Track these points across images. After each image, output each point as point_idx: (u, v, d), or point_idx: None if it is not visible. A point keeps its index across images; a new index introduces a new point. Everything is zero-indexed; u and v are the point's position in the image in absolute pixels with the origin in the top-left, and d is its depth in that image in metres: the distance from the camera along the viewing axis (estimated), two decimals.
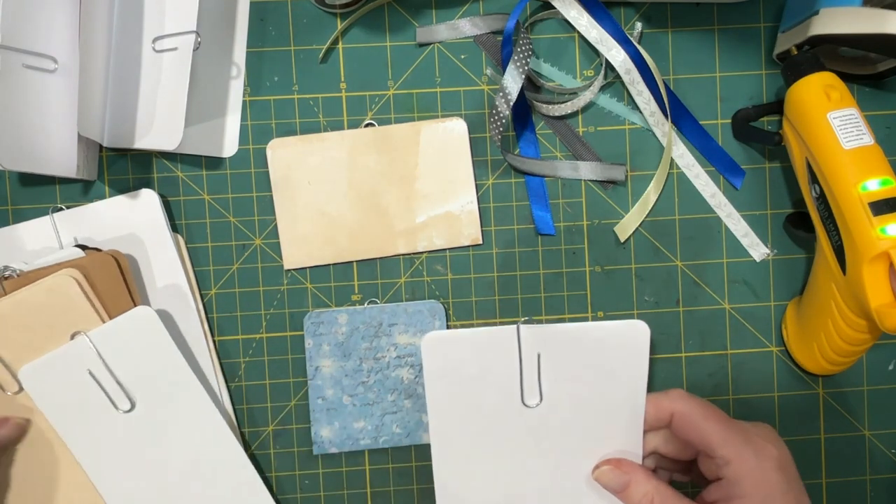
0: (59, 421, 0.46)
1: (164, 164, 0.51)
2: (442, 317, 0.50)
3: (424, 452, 0.51)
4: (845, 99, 0.44)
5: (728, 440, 0.38)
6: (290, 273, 0.51)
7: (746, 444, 0.38)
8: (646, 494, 0.39)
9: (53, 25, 0.46)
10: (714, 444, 0.38)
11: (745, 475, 0.38)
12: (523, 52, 0.48)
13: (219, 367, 0.51)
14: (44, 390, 0.46)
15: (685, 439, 0.40)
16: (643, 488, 0.40)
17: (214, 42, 0.50)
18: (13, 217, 0.50)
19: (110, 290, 0.47)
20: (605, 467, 0.41)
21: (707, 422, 0.39)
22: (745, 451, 0.38)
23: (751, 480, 0.37)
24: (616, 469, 0.41)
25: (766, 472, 0.38)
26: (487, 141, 0.51)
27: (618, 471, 0.41)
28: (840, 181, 0.43)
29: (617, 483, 0.41)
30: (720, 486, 0.39)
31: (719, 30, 0.51)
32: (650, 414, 0.41)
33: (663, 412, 0.40)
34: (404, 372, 0.49)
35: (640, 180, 0.51)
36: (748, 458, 0.38)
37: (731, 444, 0.38)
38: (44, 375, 0.46)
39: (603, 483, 0.41)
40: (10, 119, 0.44)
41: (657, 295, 0.52)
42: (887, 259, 0.42)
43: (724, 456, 0.38)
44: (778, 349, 0.52)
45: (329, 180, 0.50)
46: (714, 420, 0.39)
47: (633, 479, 0.40)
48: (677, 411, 0.40)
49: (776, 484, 0.37)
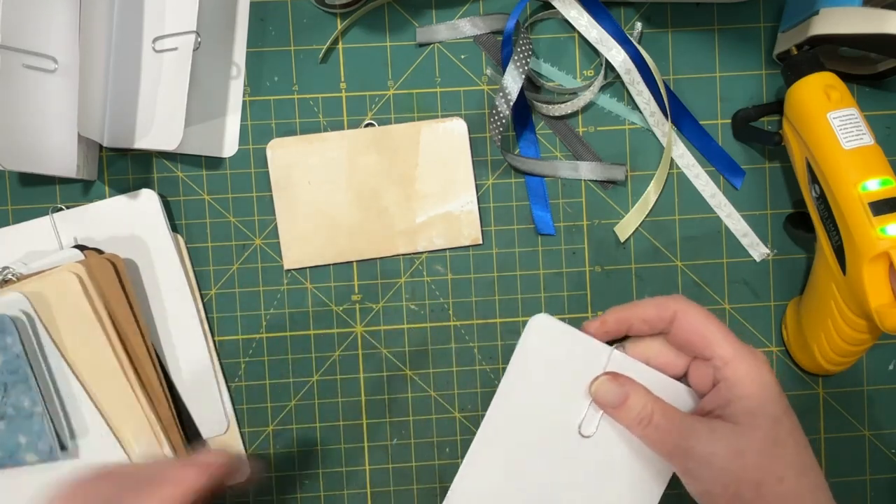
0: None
1: (164, 164, 0.51)
2: (12, 331, 0.45)
3: (425, 452, 0.51)
4: (845, 99, 0.44)
5: (727, 339, 0.37)
6: (290, 273, 0.51)
7: (744, 346, 0.38)
8: (644, 407, 0.38)
9: (53, 25, 0.46)
10: (714, 343, 0.37)
11: (744, 375, 0.37)
12: (523, 52, 0.48)
13: (219, 367, 0.51)
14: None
15: (684, 340, 0.39)
16: (642, 401, 0.38)
17: (214, 42, 0.50)
18: (13, 217, 0.50)
19: (108, 294, 0.47)
20: (603, 377, 0.39)
21: (709, 321, 0.38)
22: (743, 352, 0.37)
23: (749, 380, 0.37)
24: (613, 381, 0.39)
25: (764, 375, 0.37)
26: (487, 141, 0.51)
27: (615, 383, 0.39)
28: (840, 181, 0.43)
29: (614, 395, 0.39)
30: (718, 391, 0.38)
31: (719, 30, 0.51)
32: (651, 313, 0.39)
33: (666, 311, 0.39)
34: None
35: (640, 180, 0.51)
36: (747, 358, 0.37)
37: (731, 344, 0.37)
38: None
39: (599, 396, 0.39)
40: (10, 119, 0.44)
41: (657, 295, 0.52)
42: (887, 259, 0.42)
43: (723, 356, 0.37)
44: (778, 349, 0.52)
45: (329, 180, 0.50)
46: (715, 322, 0.38)
47: (631, 391, 0.38)
48: (680, 310, 0.39)
49: (773, 383, 0.37)
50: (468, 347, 0.51)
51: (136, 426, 0.47)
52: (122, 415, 0.47)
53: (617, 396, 0.38)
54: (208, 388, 0.50)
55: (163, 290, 0.50)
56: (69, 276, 0.46)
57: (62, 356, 0.46)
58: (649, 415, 0.38)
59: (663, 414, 0.37)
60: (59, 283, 0.46)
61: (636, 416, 0.38)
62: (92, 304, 0.46)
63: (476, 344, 0.52)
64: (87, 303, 0.46)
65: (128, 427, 0.47)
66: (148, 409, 0.47)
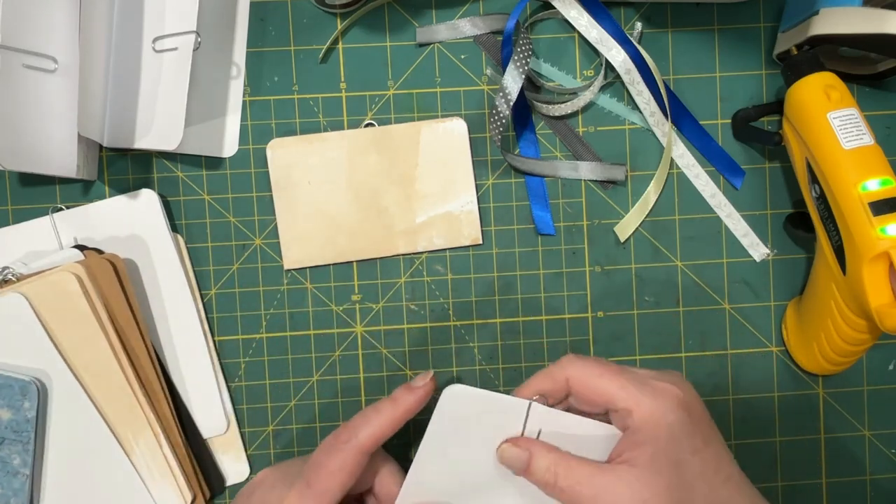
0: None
1: (164, 164, 0.51)
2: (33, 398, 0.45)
3: None
4: (845, 99, 0.44)
5: (624, 389, 0.37)
6: (290, 273, 0.51)
7: (643, 389, 0.37)
8: (548, 468, 0.38)
9: (53, 25, 0.46)
10: (612, 398, 0.37)
11: (644, 420, 0.36)
12: (523, 52, 0.48)
13: (219, 367, 0.51)
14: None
15: (587, 400, 0.39)
16: (545, 462, 0.38)
17: (214, 42, 0.50)
18: (13, 217, 0.50)
19: (107, 294, 0.47)
20: (505, 444, 0.39)
21: (602, 378, 0.38)
22: (642, 397, 0.37)
23: (651, 424, 0.36)
24: (514, 446, 0.39)
25: (667, 413, 0.36)
26: (487, 141, 0.51)
27: (517, 448, 0.39)
28: (840, 181, 0.43)
29: (518, 460, 0.39)
30: (625, 438, 0.37)
31: (719, 30, 0.51)
32: (547, 388, 0.40)
33: (559, 382, 0.39)
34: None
35: (640, 180, 0.51)
36: (645, 403, 0.37)
37: (629, 393, 0.37)
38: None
39: (504, 461, 0.39)
40: (10, 119, 0.44)
41: (657, 295, 0.52)
42: (887, 259, 0.42)
43: (624, 407, 0.37)
44: (778, 349, 0.52)
45: (329, 180, 0.50)
46: (609, 375, 0.38)
47: (533, 453, 0.38)
48: (571, 376, 0.38)
49: (678, 423, 0.36)
50: (468, 347, 0.51)
51: (136, 426, 0.47)
52: (121, 415, 0.47)
53: (520, 461, 0.39)
54: (208, 388, 0.50)
55: (163, 290, 0.50)
56: (68, 277, 0.46)
57: (61, 356, 0.46)
58: (553, 476, 0.37)
59: (567, 474, 0.37)
60: (58, 284, 0.46)
61: (541, 478, 0.38)
62: (91, 304, 0.46)
63: (476, 344, 0.52)
64: (86, 303, 0.46)
65: (127, 427, 0.47)
66: (148, 409, 0.47)
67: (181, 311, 0.50)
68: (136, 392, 0.47)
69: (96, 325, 0.46)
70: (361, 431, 0.41)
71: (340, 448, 0.41)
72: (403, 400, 0.43)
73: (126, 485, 0.47)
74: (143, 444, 0.47)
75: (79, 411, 0.47)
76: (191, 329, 0.50)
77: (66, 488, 0.47)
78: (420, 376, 0.44)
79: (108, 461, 0.47)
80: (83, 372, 0.47)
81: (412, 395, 0.43)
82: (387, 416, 0.42)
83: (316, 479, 0.41)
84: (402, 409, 0.42)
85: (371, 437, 0.41)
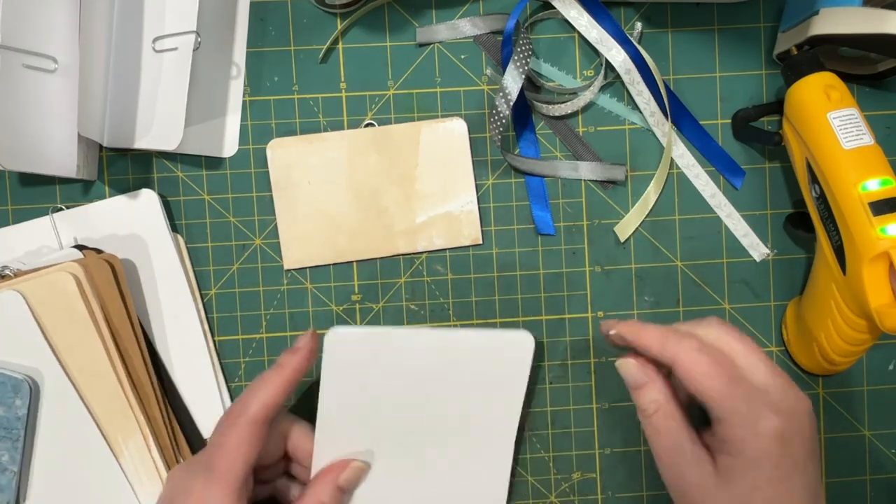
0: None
1: (164, 164, 0.51)
2: (25, 396, 0.46)
3: None
4: (845, 99, 0.44)
5: (726, 398, 0.37)
6: (290, 273, 0.51)
7: (743, 406, 0.37)
8: (654, 401, 0.39)
9: (53, 25, 0.46)
10: (710, 403, 0.37)
11: (732, 437, 0.37)
12: (523, 52, 0.48)
13: (219, 367, 0.51)
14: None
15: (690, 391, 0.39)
16: (654, 395, 0.39)
17: (214, 42, 0.50)
18: (13, 217, 0.50)
19: (104, 294, 0.47)
20: (631, 360, 0.40)
21: (709, 380, 0.37)
22: (737, 416, 0.36)
23: (737, 444, 0.37)
24: (640, 367, 0.40)
25: (760, 440, 0.36)
26: (487, 141, 0.51)
27: (641, 369, 0.40)
28: (840, 181, 0.43)
29: (634, 380, 0.40)
30: (712, 435, 0.38)
31: (719, 30, 0.51)
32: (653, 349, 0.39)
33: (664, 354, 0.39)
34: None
35: (640, 180, 0.51)
36: (738, 424, 0.36)
37: (728, 405, 0.37)
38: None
39: (622, 373, 0.40)
40: (10, 119, 0.44)
41: (657, 295, 0.52)
42: (887, 259, 0.42)
43: (718, 416, 0.37)
44: (778, 349, 0.52)
45: (329, 180, 0.50)
46: (717, 379, 0.37)
47: (650, 383, 0.39)
48: (679, 362, 0.38)
49: (765, 452, 0.36)
50: None
51: (126, 428, 0.47)
52: (112, 417, 0.47)
53: (636, 381, 0.40)
54: (208, 388, 0.50)
55: (163, 290, 0.50)
56: (66, 276, 0.46)
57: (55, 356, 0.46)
58: (653, 410, 0.39)
59: (665, 418, 0.39)
60: (55, 283, 0.46)
61: (642, 404, 0.39)
62: (87, 305, 0.46)
63: None
64: (82, 304, 0.46)
65: (117, 429, 0.47)
66: (139, 412, 0.47)
67: (181, 311, 0.50)
68: (128, 395, 0.47)
69: (91, 327, 0.46)
70: (252, 403, 0.42)
71: (233, 424, 0.41)
72: (287, 363, 0.43)
73: (113, 486, 0.47)
74: (132, 447, 0.47)
75: (70, 411, 0.47)
76: (191, 329, 0.50)
77: (54, 487, 0.47)
78: (301, 336, 0.45)
79: (96, 462, 0.47)
80: (76, 372, 0.47)
81: (295, 357, 0.43)
82: (274, 383, 0.43)
83: (217, 460, 0.41)
84: (287, 372, 0.43)
85: (262, 406, 0.42)
